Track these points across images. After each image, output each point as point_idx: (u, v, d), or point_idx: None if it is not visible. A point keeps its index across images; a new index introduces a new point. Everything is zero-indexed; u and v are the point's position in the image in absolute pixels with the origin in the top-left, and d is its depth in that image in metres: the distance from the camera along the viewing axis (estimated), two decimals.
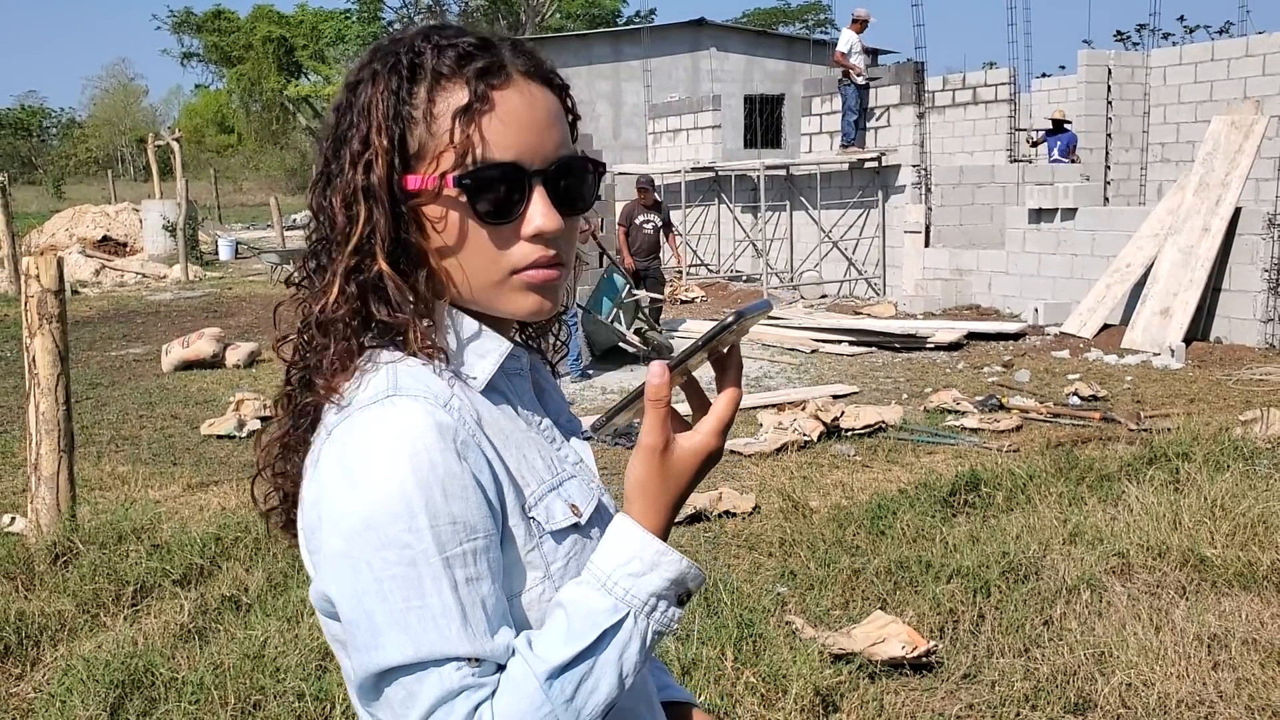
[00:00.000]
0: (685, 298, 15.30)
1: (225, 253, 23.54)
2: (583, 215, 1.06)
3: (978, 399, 8.05)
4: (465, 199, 0.95)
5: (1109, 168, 15.30)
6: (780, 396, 8.42)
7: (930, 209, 14.13)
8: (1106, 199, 14.57)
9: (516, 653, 0.91)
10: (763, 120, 23.54)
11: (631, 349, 10.34)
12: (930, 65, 19.94)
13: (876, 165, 14.60)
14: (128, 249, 22.31)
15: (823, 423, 6.97)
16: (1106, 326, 10.95)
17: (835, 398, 8.15)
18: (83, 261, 19.32)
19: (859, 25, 14.32)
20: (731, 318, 0.92)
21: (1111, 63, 15.25)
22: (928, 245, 13.97)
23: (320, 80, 49.73)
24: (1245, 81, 13.91)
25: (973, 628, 3.83)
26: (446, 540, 0.89)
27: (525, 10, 43.52)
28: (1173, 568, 4.22)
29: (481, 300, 1.00)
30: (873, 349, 11.04)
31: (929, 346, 10.93)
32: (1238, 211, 10.44)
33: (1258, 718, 3.21)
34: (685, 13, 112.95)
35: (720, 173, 17.53)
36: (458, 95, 0.95)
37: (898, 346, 11.06)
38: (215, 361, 10.28)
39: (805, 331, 11.76)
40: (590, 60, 23.16)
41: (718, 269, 17.71)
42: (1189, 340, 10.16)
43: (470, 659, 0.89)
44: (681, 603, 0.94)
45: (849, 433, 7.01)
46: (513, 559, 0.96)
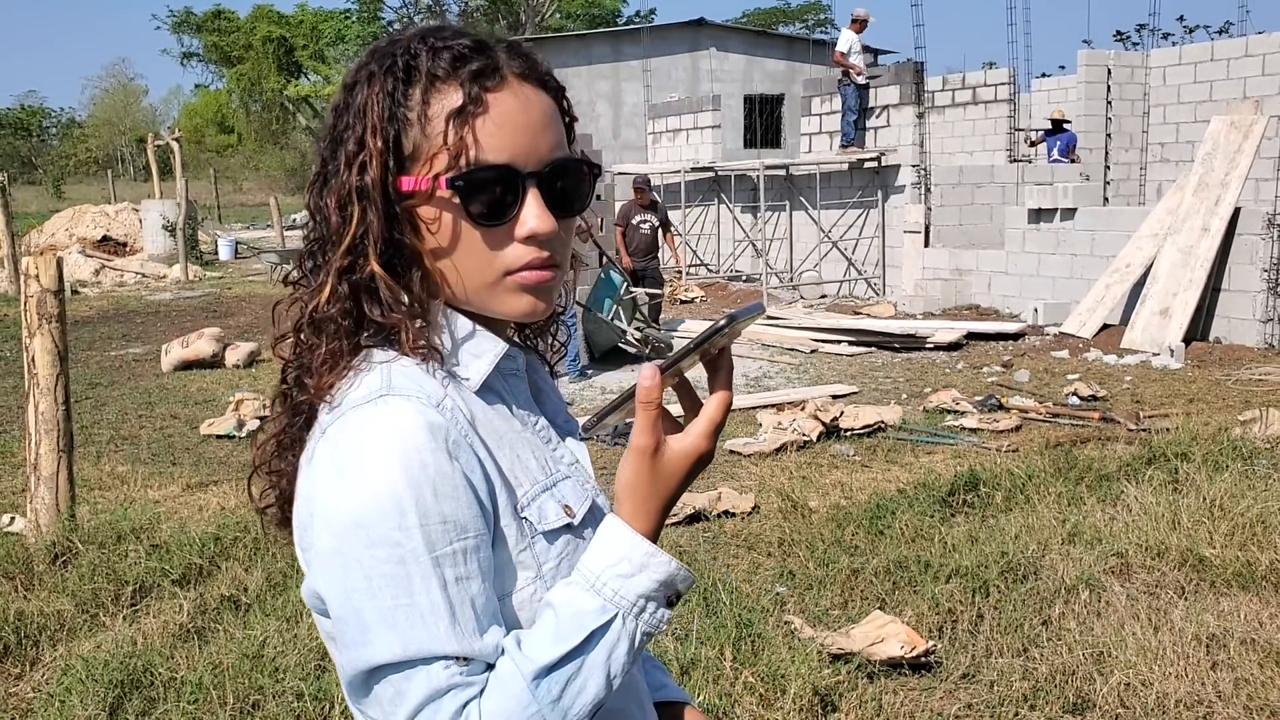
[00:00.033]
0: (685, 298, 15.31)
1: (225, 253, 23.55)
2: (579, 216, 1.06)
3: (977, 399, 8.06)
4: (458, 200, 0.95)
5: (1109, 168, 15.30)
6: (779, 396, 8.43)
7: (930, 209, 14.13)
8: (1106, 199, 14.57)
9: (505, 652, 0.91)
10: (762, 120, 23.53)
11: (632, 349, 10.34)
12: (930, 65, 19.96)
13: (876, 165, 14.60)
14: (127, 249, 22.31)
15: (822, 423, 6.98)
16: (1106, 326, 10.95)
17: (834, 398, 8.16)
18: (82, 261, 19.32)
19: (858, 25, 14.34)
20: (723, 321, 0.92)
21: (1111, 63, 15.25)
22: (927, 245, 13.97)
23: (320, 80, 49.74)
24: (1245, 81, 13.92)
25: (971, 628, 3.83)
26: (436, 539, 0.89)
27: (525, 10, 43.52)
28: (1171, 568, 4.22)
29: (475, 301, 1.00)
30: (872, 349, 11.04)
31: (928, 346, 10.93)
32: (1237, 211, 10.44)
33: (1256, 717, 3.21)
34: (685, 13, 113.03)
35: (720, 173, 17.53)
36: (452, 97, 0.96)
37: (897, 346, 11.07)
38: (215, 361, 10.28)
39: (805, 331, 11.76)
40: (590, 60, 23.16)
41: (717, 269, 17.71)
42: (1188, 340, 10.16)
43: (458, 658, 0.89)
44: (671, 604, 0.94)
45: (848, 433, 7.02)
46: (504, 559, 0.96)
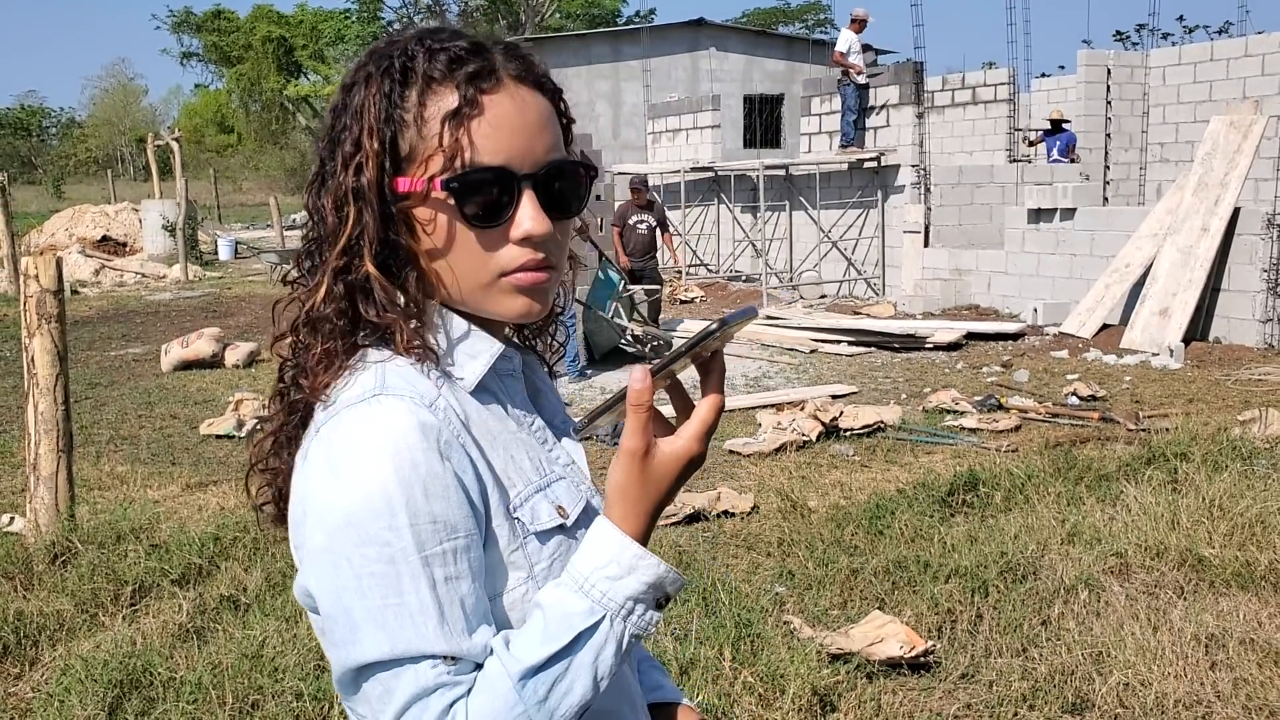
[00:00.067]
0: (685, 298, 15.31)
1: (225, 253, 23.55)
2: (577, 217, 1.06)
3: (976, 399, 8.06)
4: (453, 202, 0.96)
5: (1108, 168, 15.30)
6: (779, 396, 8.43)
7: (929, 209, 14.13)
8: (1106, 199, 14.57)
9: (493, 652, 0.91)
10: (762, 120, 23.52)
11: (632, 349, 10.35)
12: (930, 65, 19.96)
13: (876, 165, 14.60)
14: (127, 249, 22.31)
15: (821, 423, 6.98)
16: (1105, 326, 10.95)
17: (834, 398, 8.16)
18: (82, 261, 19.32)
19: (858, 25, 14.35)
20: (715, 325, 0.92)
21: (1111, 63, 15.25)
22: (927, 245, 13.97)
23: (320, 80, 49.74)
24: (1244, 81, 13.91)
25: (970, 628, 3.83)
26: (426, 539, 0.90)
27: (525, 10, 43.52)
28: (1170, 568, 4.22)
29: (470, 302, 1.01)
30: (872, 349, 11.04)
31: (928, 346, 10.93)
32: (1237, 211, 10.44)
33: (1255, 717, 3.21)
34: (685, 13, 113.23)
35: (720, 173, 17.53)
36: (448, 99, 0.96)
37: (897, 346, 11.07)
38: (214, 361, 10.28)
39: (804, 331, 11.76)
40: (590, 60, 23.15)
41: (717, 269, 17.71)
42: (1188, 340, 10.16)
43: (446, 657, 0.90)
44: (660, 607, 0.94)
45: (848, 433, 7.02)
46: (495, 559, 0.97)
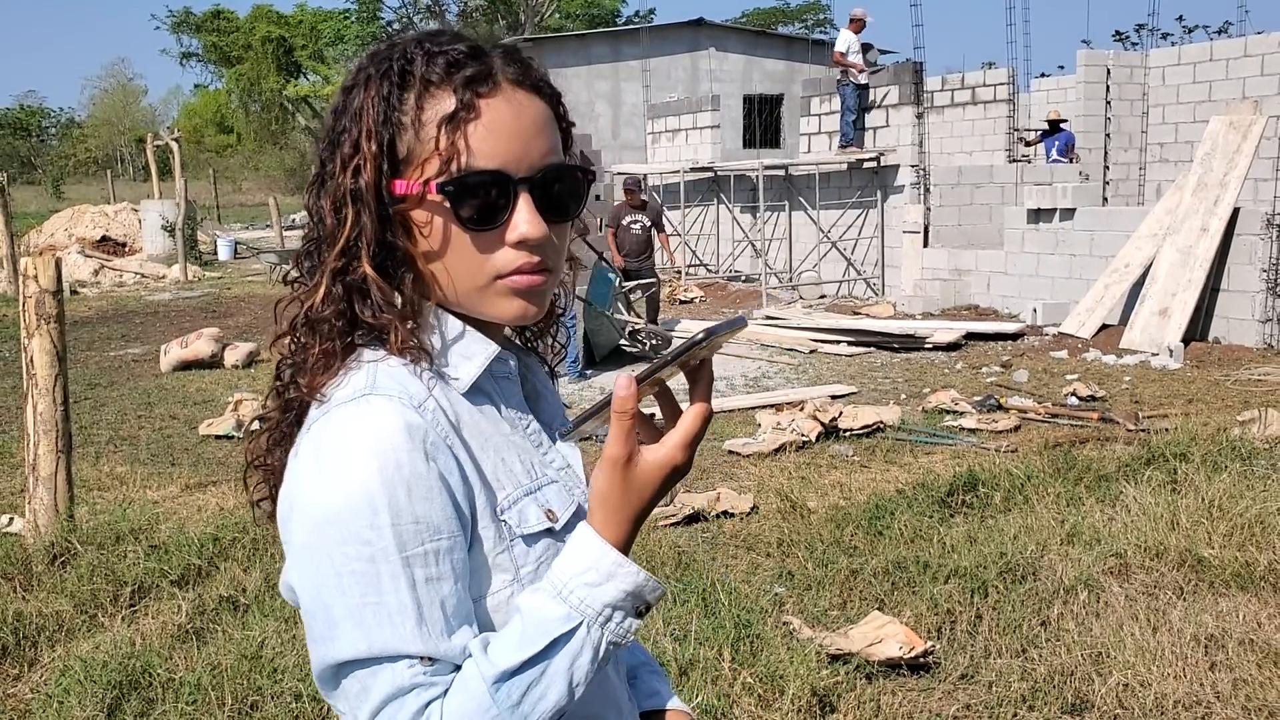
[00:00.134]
0: (684, 298, 15.31)
1: (224, 253, 23.55)
2: (578, 219, 1.06)
3: (976, 399, 8.06)
4: (449, 205, 0.97)
5: (1108, 168, 15.31)
6: (778, 397, 8.43)
7: (929, 209, 14.13)
8: (1105, 199, 14.57)
9: (471, 654, 0.92)
10: (761, 120, 23.52)
11: (634, 349, 10.35)
12: (929, 65, 19.94)
13: (875, 165, 14.60)
14: (126, 249, 22.31)
15: (821, 423, 6.97)
16: (1105, 326, 10.95)
17: (834, 398, 8.15)
18: (81, 261, 19.32)
19: (857, 25, 14.35)
20: (701, 335, 0.91)
21: (1110, 63, 15.25)
22: (926, 245, 13.97)
23: (319, 80, 49.72)
24: (1244, 81, 13.91)
25: (970, 628, 3.83)
26: (408, 539, 0.91)
27: (524, 10, 43.51)
28: (1170, 568, 4.22)
29: (466, 304, 1.02)
30: (871, 349, 11.04)
31: (927, 347, 10.93)
32: (1236, 212, 10.44)
33: (1255, 718, 3.21)
34: (684, 13, 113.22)
35: (719, 173, 17.53)
36: (445, 103, 0.97)
37: (896, 347, 11.07)
38: (214, 362, 10.28)
39: (804, 331, 11.76)
40: (589, 60, 23.16)
41: (717, 269, 17.71)
42: (1187, 340, 10.16)
43: (424, 658, 0.91)
44: (640, 615, 0.94)
45: (847, 433, 7.02)
46: (480, 561, 0.97)
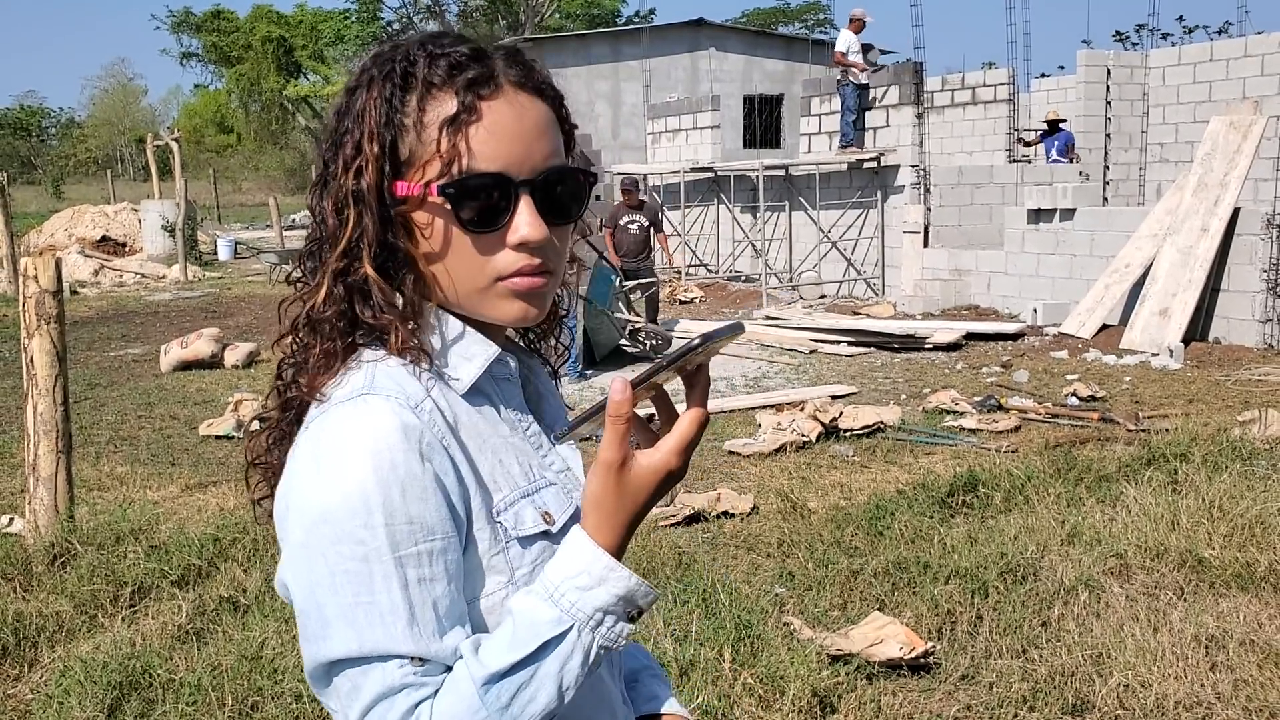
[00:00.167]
0: (684, 298, 15.31)
1: (224, 253, 23.56)
2: (576, 222, 1.06)
3: (976, 399, 8.05)
4: (449, 207, 0.97)
5: (1108, 168, 15.30)
6: (779, 397, 8.42)
7: (929, 209, 14.13)
8: (1105, 199, 14.57)
9: (462, 655, 0.92)
10: (762, 120, 23.52)
11: (634, 349, 10.35)
12: (929, 65, 19.95)
13: (875, 165, 14.60)
14: (126, 249, 22.31)
15: (821, 423, 6.97)
16: (1105, 327, 10.95)
17: (834, 398, 8.15)
18: (81, 261, 19.32)
19: (857, 25, 14.35)
20: (697, 340, 0.91)
21: (1110, 63, 15.25)
22: (926, 245, 13.97)
23: (319, 80, 49.72)
24: (1244, 82, 13.91)
25: (970, 629, 3.83)
26: (401, 539, 0.91)
27: (524, 10, 43.50)
28: (1171, 569, 4.22)
29: (467, 305, 1.02)
30: (871, 349, 11.04)
31: (928, 347, 10.93)
32: (1236, 212, 10.44)
33: (1255, 719, 3.21)
34: (684, 13, 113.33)
35: (719, 173, 17.52)
36: (447, 105, 0.97)
37: (896, 347, 11.06)
38: (214, 362, 10.28)
39: (804, 332, 11.76)
40: (589, 60, 23.15)
41: (717, 269, 17.71)
42: (1187, 340, 10.16)
43: (414, 658, 0.91)
44: (632, 619, 0.94)
45: (847, 433, 7.01)
46: (475, 563, 0.97)
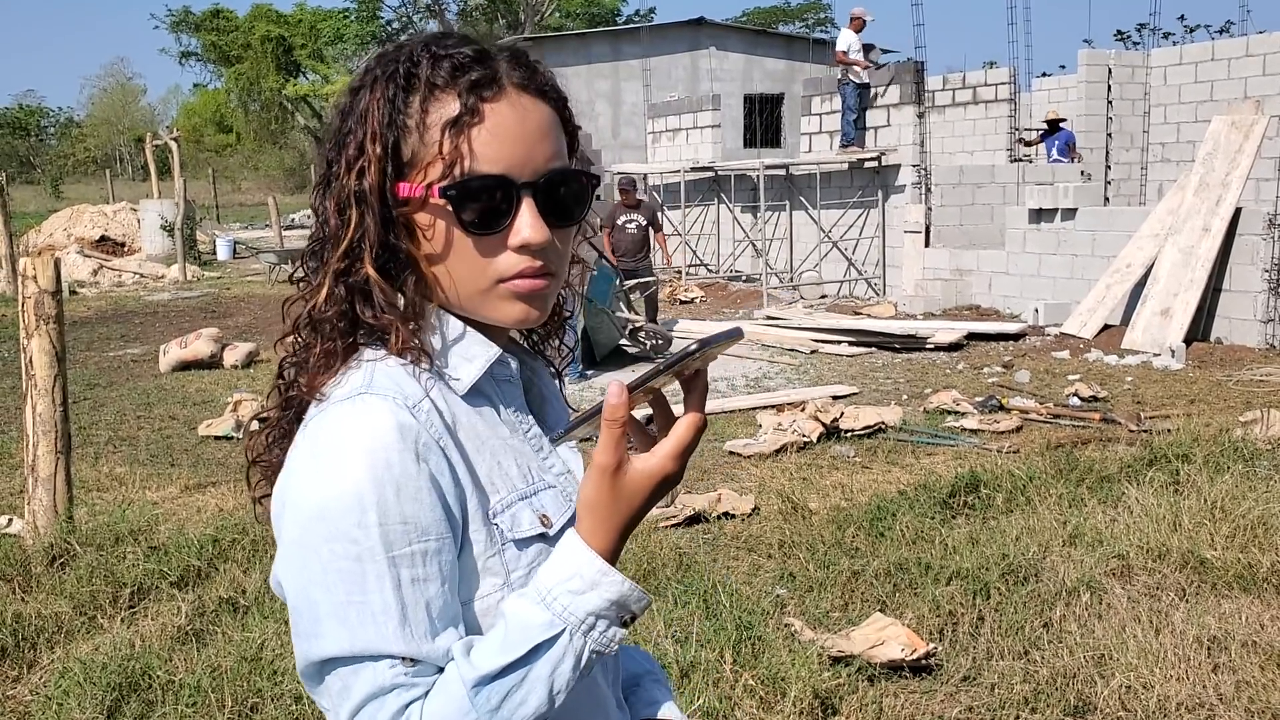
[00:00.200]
0: (684, 298, 15.29)
1: (223, 253, 23.55)
2: (579, 224, 1.06)
3: (977, 400, 8.04)
4: (451, 209, 0.97)
5: (1109, 168, 15.29)
6: (779, 397, 8.41)
7: (930, 209, 14.11)
8: (1107, 199, 14.56)
9: (454, 657, 0.92)
10: (762, 120, 23.50)
11: (634, 349, 10.35)
12: (930, 65, 19.95)
13: (876, 165, 14.58)
14: (126, 249, 22.30)
15: (822, 424, 6.96)
16: (1107, 327, 10.94)
17: (835, 398, 8.14)
18: (80, 261, 19.31)
19: (857, 24, 14.34)
20: (695, 346, 0.90)
21: (1112, 62, 15.24)
22: (928, 245, 13.96)
23: (319, 79, 49.71)
24: (1246, 81, 13.90)
25: (972, 630, 3.82)
26: (395, 539, 0.91)
27: (524, 9, 43.49)
28: (1173, 570, 4.21)
29: (468, 307, 1.02)
30: (872, 349, 11.02)
31: (929, 347, 10.92)
32: (1238, 212, 10.43)
33: None
34: (684, 12, 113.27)
35: (720, 172, 17.51)
36: (450, 106, 0.97)
37: (897, 347, 11.05)
38: (213, 362, 10.27)
39: (805, 332, 11.75)
40: (589, 59, 23.13)
41: (717, 269, 17.70)
42: (1189, 341, 10.14)
43: (405, 658, 0.91)
44: (625, 625, 0.94)
45: (848, 434, 7.00)
46: (470, 564, 0.97)
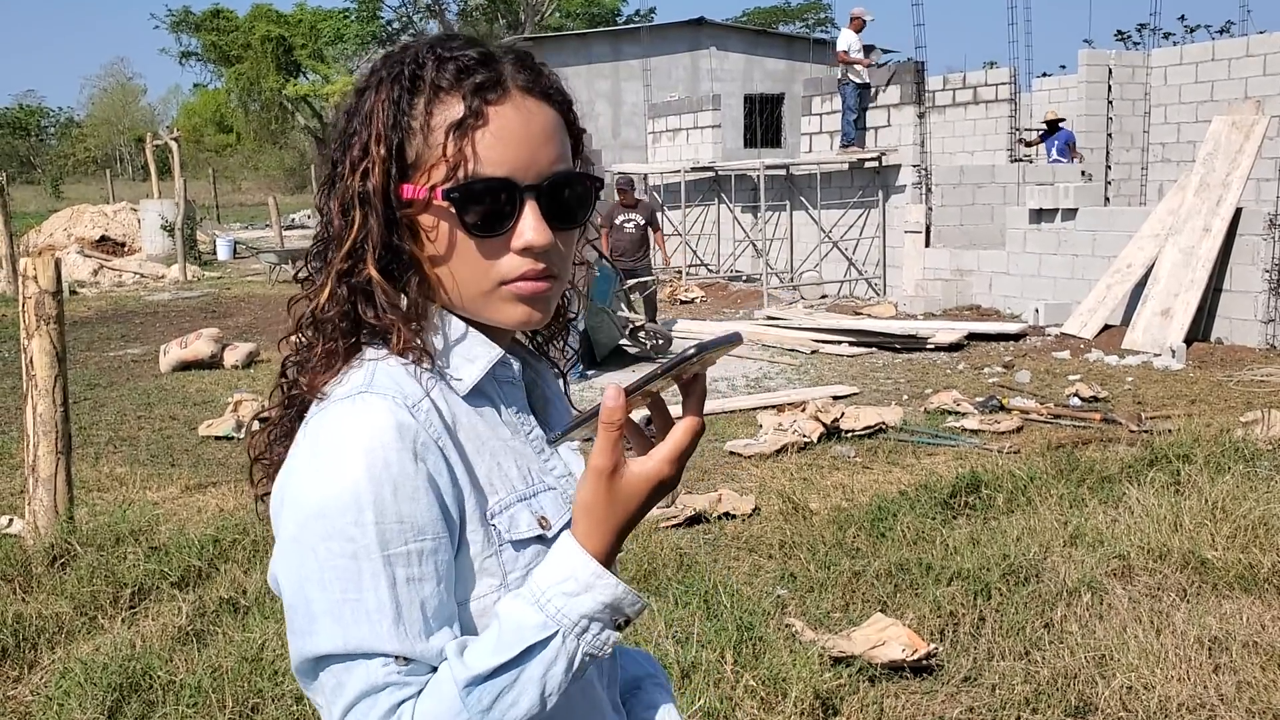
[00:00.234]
0: (685, 298, 15.29)
1: (224, 253, 23.54)
2: (582, 226, 1.06)
3: (978, 400, 8.04)
4: (454, 211, 0.97)
5: (1110, 168, 15.29)
6: (780, 397, 8.41)
7: (930, 209, 14.11)
8: (1107, 199, 14.56)
9: (447, 657, 0.92)
10: (762, 120, 23.50)
11: (635, 349, 10.34)
12: (930, 65, 19.95)
13: (877, 165, 14.58)
14: (126, 249, 22.30)
15: (823, 424, 6.96)
16: (1107, 327, 10.93)
17: (835, 399, 8.14)
18: (81, 261, 19.30)
19: (857, 24, 14.33)
20: (692, 350, 0.90)
21: (1112, 62, 15.24)
22: (928, 245, 13.95)
23: (319, 79, 49.68)
24: (1246, 81, 13.90)
25: (973, 630, 3.82)
26: (391, 538, 0.91)
27: (524, 9, 43.49)
28: (1173, 570, 4.21)
29: (471, 308, 1.02)
30: (873, 350, 11.02)
31: (929, 347, 10.92)
32: (1238, 212, 10.43)
33: None
34: (685, 12, 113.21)
35: (720, 172, 17.51)
36: (454, 109, 0.97)
37: (898, 347, 11.05)
38: (213, 362, 10.27)
39: (805, 332, 11.74)
40: (589, 59, 23.13)
41: (717, 269, 17.70)
42: (1190, 341, 10.14)
43: (399, 657, 0.91)
44: (619, 628, 0.94)
45: (849, 434, 7.00)
46: (466, 565, 0.97)
